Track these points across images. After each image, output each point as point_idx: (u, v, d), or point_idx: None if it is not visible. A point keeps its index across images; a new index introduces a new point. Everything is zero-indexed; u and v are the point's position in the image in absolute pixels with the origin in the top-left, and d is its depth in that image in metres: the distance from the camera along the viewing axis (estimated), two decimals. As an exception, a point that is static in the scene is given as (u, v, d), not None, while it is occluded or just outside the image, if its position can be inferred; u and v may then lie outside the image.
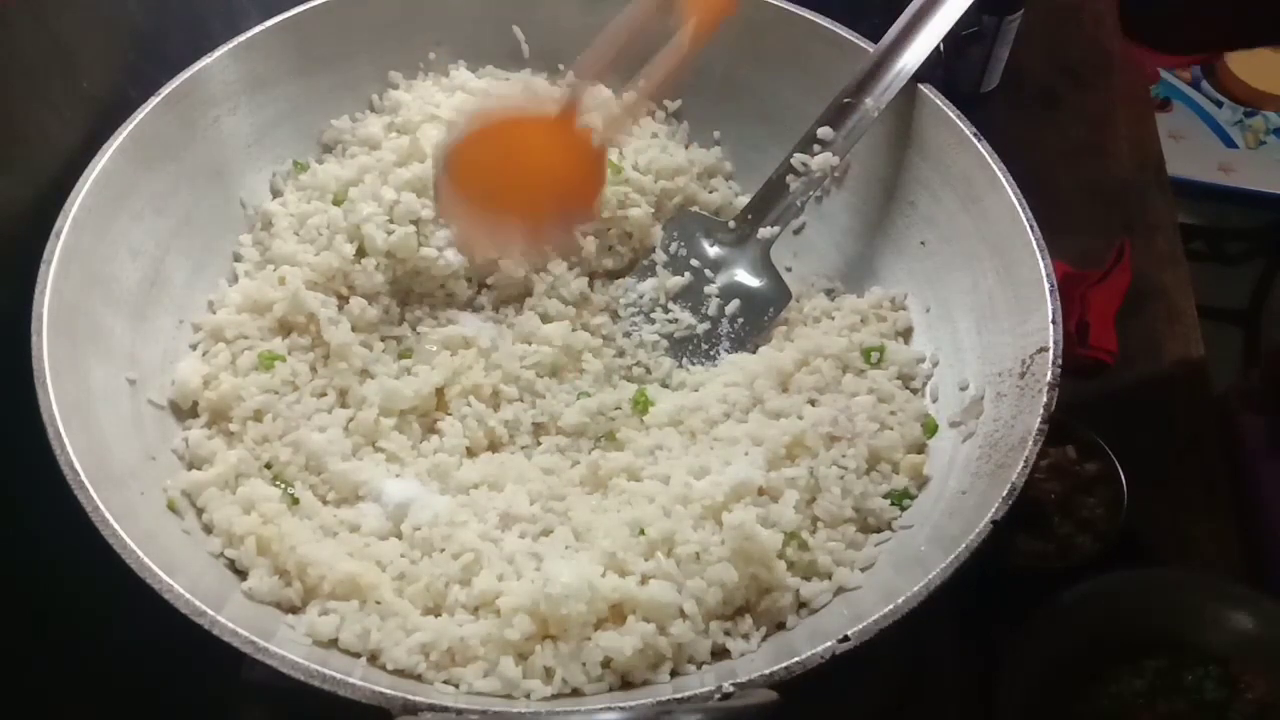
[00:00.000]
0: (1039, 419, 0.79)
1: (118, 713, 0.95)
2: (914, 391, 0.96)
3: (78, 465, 0.74)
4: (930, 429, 0.92)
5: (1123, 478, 1.06)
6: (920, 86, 0.98)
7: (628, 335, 1.05)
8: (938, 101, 0.98)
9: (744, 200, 1.09)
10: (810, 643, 0.70)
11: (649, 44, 1.11)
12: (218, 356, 0.93)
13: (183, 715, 0.95)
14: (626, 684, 0.77)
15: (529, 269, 1.05)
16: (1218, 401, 1.24)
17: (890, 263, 1.04)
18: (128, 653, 0.90)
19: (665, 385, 1.02)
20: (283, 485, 0.88)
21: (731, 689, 0.67)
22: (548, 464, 0.94)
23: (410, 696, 0.68)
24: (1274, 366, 1.08)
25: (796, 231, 1.11)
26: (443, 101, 1.06)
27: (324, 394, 0.95)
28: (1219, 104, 1.82)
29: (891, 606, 0.71)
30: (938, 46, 0.97)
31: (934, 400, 0.95)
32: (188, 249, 0.98)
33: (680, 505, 0.83)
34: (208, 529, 0.84)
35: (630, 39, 0.87)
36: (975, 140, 0.94)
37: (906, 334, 1.00)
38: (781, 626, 0.82)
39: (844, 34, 1.02)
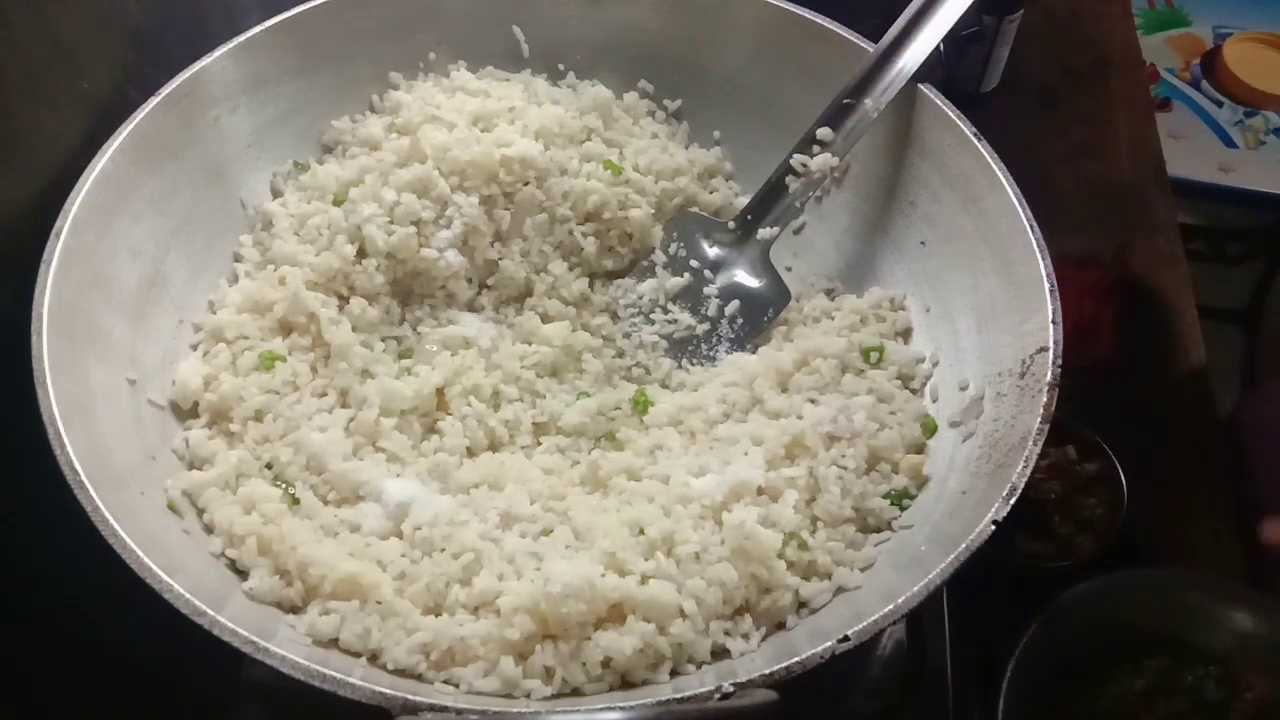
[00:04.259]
0: (1039, 419, 0.79)
1: (118, 713, 0.95)
2: (914, 391, 0.96)
3: (78, 465, 0.74)
4: (930, 429, 0.92)
5: (1123, 478, 1.06)
6: (920, 86, 0.98)
7: (627, 336, 1.05)
8: (938, 101, 0.98)
9: (744, 200, 1.09)
10: (810, 643, 0.70)
11: (648, 43, 1.12)
12: (218, 357, 0.93)
13: (183, 715, 0.95)
14: (626, 684, 0.77)
15: (529, 269, 1.06)
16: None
17: (890, 263, 1.04)
18: (128, 653, 0.90)
19: (665, 386, 1.02)
20: (283, 485, 0.88)
21: (731, 689, 0.67)
22: (548, 464, 0.94)
23: (410, 696, 0.68)
24: None
25: (796, 231, 1.11)
26: (443, 102, 1.06)
27: (324, 394, 0.95)
28: (1219, 104, 1.82)
29: (891, 606, 0.71)
30: (938, 46, 0.97)
31: (934, 400, 0.95)
32: (188, 249, 0.98)
33: (680, 505, 0.83)
34: (208, 529, 0.84)
35: None
36: (975, 140, 0.94)
37: (906, 334, 1.00)
38: (781, 626, 0.82)
39: (844, 34, 1.02)
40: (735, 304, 1.04)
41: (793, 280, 1.07)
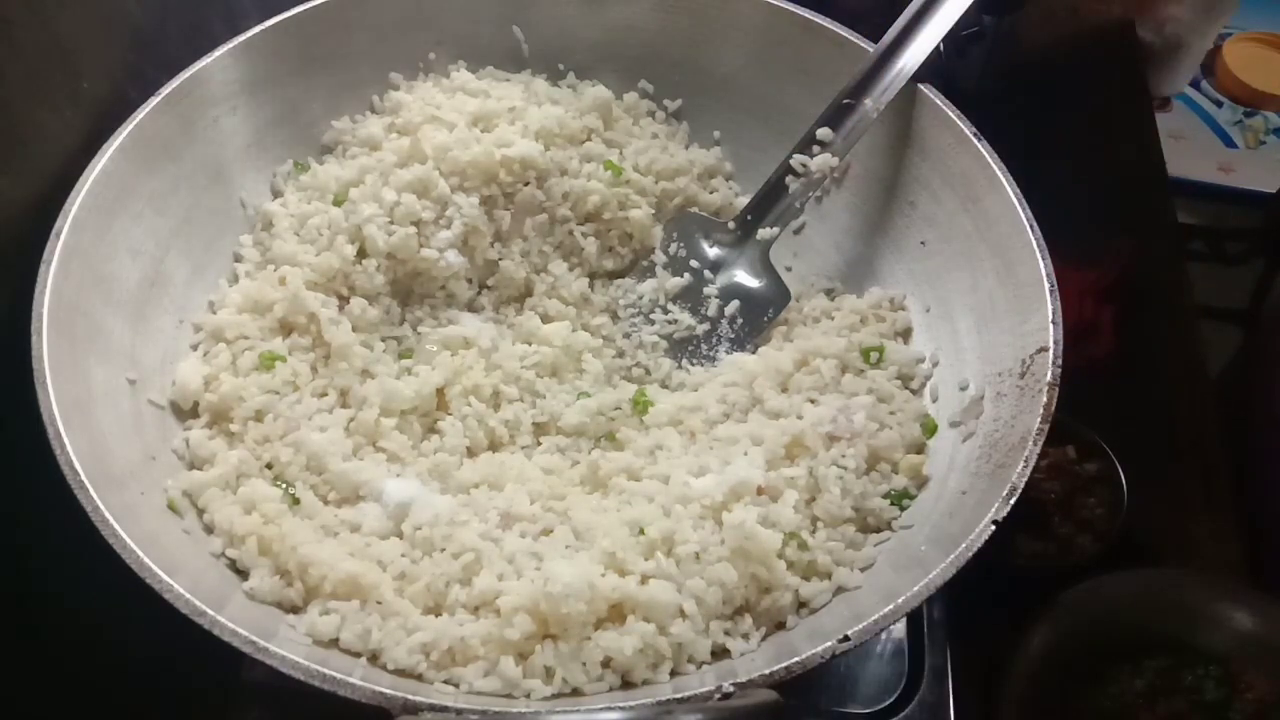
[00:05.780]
0: (1039, 419, 0.79)
1: (118, 713, 0.95)
2: (914, 391, 0.96)
3: (78, 465, 0.74)
4: (930, 429, 0.92)
5: (1123, 478, 1.06)
6: (920, 86, 0.98)
7: (627, 336, 1.05)
8: (938, 101, 0.98)
9: (744, 201, 1.09)
10: (810, 643, 0.70)
11: (648, 43, 1.12)
12: (218, 357, 0.93)
13: (183, 715, 0.95)
14: (627, 684, 0.77)
15: (529, 269, 1.06)
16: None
17: (890, 263, 1.04)
18: (128, 653, 0.90)
19: (665, 386, 1.02)
20: (284, 485, 0.88)
21: (731, 689, 0.67)
22: (548, 464, 0.94)
23: (411, 696, 0.68)
24: None
25: (796, 231, 1.11)
26: (443, 102, 1.06)
27: (325, 394, 0.95)
28: (1219, 104, 1.82)
29: (891, 606, 0.71)
30: (938, 46, 0.97)
31: (934, 400, 0.95)
32: (188, 249, 0.98)
33: (680, 505, 0.83)
34: (209, 529, 0.84)
35: None
36: (975, 140, 0.94)
37: (906, 334, 1.00)
38: (781, 626, 0.82)
39: (844, 34, 1.03)
40: (735, 304, 1.04)
41: (793, 280, 1.07)
